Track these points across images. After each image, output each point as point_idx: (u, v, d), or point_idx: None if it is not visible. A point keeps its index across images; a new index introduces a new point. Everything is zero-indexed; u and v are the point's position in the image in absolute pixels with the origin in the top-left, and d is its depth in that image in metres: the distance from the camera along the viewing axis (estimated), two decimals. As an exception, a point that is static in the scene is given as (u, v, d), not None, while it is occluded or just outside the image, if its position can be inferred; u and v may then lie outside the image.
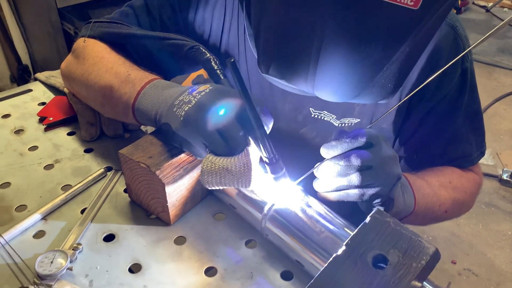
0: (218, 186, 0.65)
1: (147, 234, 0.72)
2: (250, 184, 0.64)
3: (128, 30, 0.84)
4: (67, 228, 0.72)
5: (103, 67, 0.80)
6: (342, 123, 0.88)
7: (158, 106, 0.69)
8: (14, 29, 2.71)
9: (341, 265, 0.53)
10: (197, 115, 0.64)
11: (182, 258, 0.68)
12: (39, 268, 0.63)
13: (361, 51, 0.57)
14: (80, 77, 0.83)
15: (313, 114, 0.88)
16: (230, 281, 0.65)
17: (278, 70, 0.65)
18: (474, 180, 0.96)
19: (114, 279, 0.65)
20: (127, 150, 0.70)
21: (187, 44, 0.79)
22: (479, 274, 2.02)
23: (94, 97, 0.82)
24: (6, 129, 0.93)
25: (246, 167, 0.63)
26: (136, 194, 0.74)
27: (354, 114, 0.87)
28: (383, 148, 0.66)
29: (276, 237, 0.67)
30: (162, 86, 0.72)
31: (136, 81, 0.75)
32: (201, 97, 0.65)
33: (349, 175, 0.64)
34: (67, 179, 0.81)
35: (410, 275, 0.52)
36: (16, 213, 0.75)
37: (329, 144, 0.66)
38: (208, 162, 0.63)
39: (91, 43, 0.85)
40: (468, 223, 2.26)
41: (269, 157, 0.62)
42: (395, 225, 0.57)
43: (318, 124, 0.89)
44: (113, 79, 0.77)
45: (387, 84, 0.62)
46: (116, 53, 0.83)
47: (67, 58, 0.90)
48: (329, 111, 0.87)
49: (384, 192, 0.66)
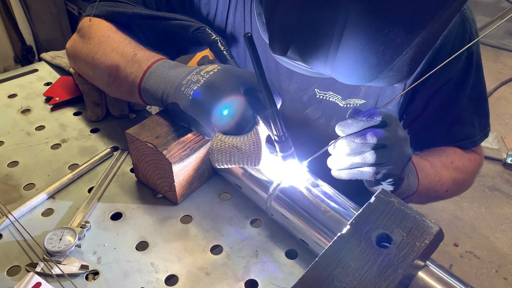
0: (227, 165, 0.66)
1: (153, 213, 0.73)
2: (260, 163, 0.64)
3: (133, 9, 0.83)
4: (75, 207, 0.73)
5: (109, 47, 0.80)
6: (347, 103, 0.88)
7: (165, 86, 0.70)
8: (18, 10, 2.69)
9: (345, 244, 0.54)
10: (206, 94, 0.64)
11: (188, 236, 0.69)
12: (48, 245, 0.64)
13: (384, 34, 0.57)
14: (85, 57, 0.84)
15: (318, 94, 0.88)
16: (235, 259, 0.66)
17: (298, 51, 0.64)
18: (476, 160, 0.97)
19: (121, 256, 0.66)
20: (133, 130, 0.71)
21: (193, 25, 0.79)
22: (481, 257, 2.04)
23: (100, 76, 0.83)
24: (13, 109, 0.94)
25: (256, 145, 0.63)
26: (143, 174, 0.75)
27: (360, 95, 0.87)
28: (397, 128, 0.67)
29: (281, 217, 0.68)
30: (169, 66, 0.73)
31: (143, 60, 0.75)
32: (209, 76, 0.65)
33: (364, 153, 0.65)
34: (74, 159, 0.82)
35: (413, 254, 0.53)
36: (25, 191, 0.75)
37: (344, 122, 0.66)
38: (218, 141, 0.64)
39: (97, 22, 0.85)
40: (471, 206, 2.27)
41: (279, 135, 0.63)
42: (399, 205, 0.57)
43: (323, 104, 0.89)
44: (119, 58, 0.77)
45: (404, 68, 0.62)
46: (122, 32, 0.83)
47: (73, 37, 0.90)
48: (335, 91, 0.87)
49: (396, 172, 0.67)
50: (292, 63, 0.69)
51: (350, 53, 0.60)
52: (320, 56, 0.62)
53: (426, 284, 0.54)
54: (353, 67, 0.62)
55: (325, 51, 0.61)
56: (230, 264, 0.66)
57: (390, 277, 0.51)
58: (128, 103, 0.93)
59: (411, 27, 0.57)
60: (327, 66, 0.63)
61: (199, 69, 0.68)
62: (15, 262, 0.64)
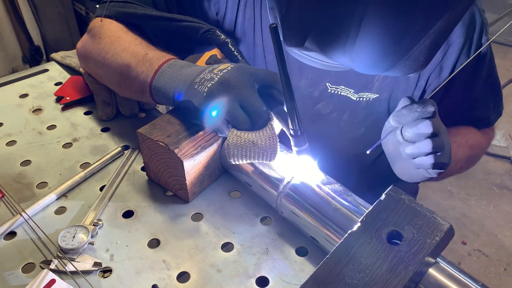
0: (243, 160, 0.66)
1: (164, 210, 0.73)
2: (275, 157, 0.66)
3: (143, 10, 0.84)
4: (87, 205, 0.74)
5: (120, 46, 0.80)
6: (360, 97, 0.88)
7: (176, 84, 0.70)
8: (26, 10, 2.71)
9: (356, 241, 0.55)
10: (220, 91, 0.65)
11: (199, 234, 0.70)
12: (61, 242, 0.65)
13: (403, 21, 0.58)
14: (96, 56, 0.84)
15: (330, 89, 0.88)
16: (246, 256, 0.67)
17: (316, 41, 0.64)
18: (488, 135, 1.01)
19: (134, 253, 0.67)
20: (145, 130, 0.72)
21: (203, 27, 0.80)
22: (489, 255, 2.03)
23: (111, 76, 0.84)
24: (25, 109, 0.95)
25: (272, 139, 0.65)
26: (154, 173, 0.76)
27: (373, 89, 0.87)
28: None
29: (291, 214, 0.68)
30: (180, 66, 0.73)
31: (154, 60, 0.75)
32: (223, 74, 0.66)
33: (420, 142, 0.67)
34: (85, 157, 0.83)
35: (424, 251, 0.53)
36: (38, 190, 0.77)
37: (399, 112, 0.67)
38: (233, 136, 0.65)
39: (108, 22, 0.86)
40: (479, 204, 2.27)
41: (295, 129, 0.63)
42: (409, 202, 0.58)
43: (335, 99, 0.89)
44: (130, 58, 0.78)
45: (420, 57, 0.63)
46: (132, 33, 0.84)
47: (83, 37, 0.91)
48: (347, 85, 0.87)
49: (447, 160, 0.69)
50: (306, 55, 0.69)
51: (368, 41, 0.60)
52: (338, 45, 0.62)
53: (437, 281, 0.55)
54: (371, 56, 0.62)
55: (344, 39, 0.61)
56: (241, 261, 0.66)
57: (401, 274, 0.51)
58: (138, 102, 0.94)
59: (429, 15, 0.58)
60: (345, 55, 0.63)
61: (212, 68, 0.69)
62: (29, 259, 0.65)
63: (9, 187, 0.77)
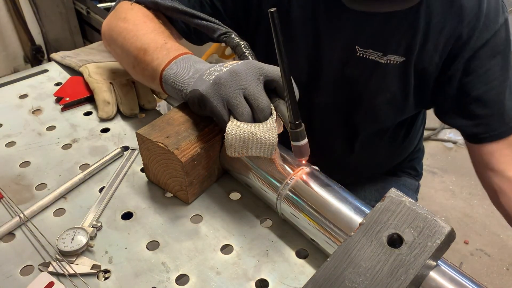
0: (241, 153, 0.66)
1: (164, 212, 0.73)
2: (274, 151, 0.65)
3: (171, 3, 0.87)
4: (86, 206, 0.73)
5: (142, 30, 0.82)
6: (388, 59, 0.89)
7: (187, 76, 0.71)
8: (27, 9, 2.71)
9: (356, 244, 0.54)
10: (227, 79, 0.66)
11: (199, 236, 0.69)
12: (60, 244, 0.65)
13: None
14: (117, 36, 0.86)
15: (359, 52, 0.90)
16: (246, 259, 0.66)
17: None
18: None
19: (133, 255, 0.66)
20: (144, 130, 0.71)
21: (220, 29, 0.81)
22: (492, 255, 2.03)
23: (127, 56, 0.85)
24: (24, 109, 0.94)
25: (271, 132, 0.64)
26: (154, 174, 0.75)
27: (400, 51, 0.89)
28: None
29: (291, 216, 0.68)
30: (194, 60, 0.75)
31: (172, 50, 0.77)
32: (233, 66, 0.67)
33: None
34: (85, 159, 0.83)
35: (425, 254, 0.53)
36: (36, 191, 0.76)
37: None
38: (233, 126, 0.65)
39: (137, 7, 0.89)
40: (481, 204, 2.26)
41: (293, 123, 0.63)
42: (410, 204, 0.57)
43: (363, 62, 0.91)
44: (150, 43, 0.79)
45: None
46: (158, 21, 0.87)
47: (108, 17, 0.93)
48: (375, 49, 0.89)
49: None
50: None
51: None
52: None
53: (438, 284, 0.54)
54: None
55: None
56: (241, 264, 0.66)
57: (402, 277, 0.51)
58: (139, 103, 0.94)
59: None
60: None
61: (223, 63, 0.71)
62: (28, 261, 0.65)
63: (8, 188, 0.76)
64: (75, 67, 1.05)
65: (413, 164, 1.27)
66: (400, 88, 0.93)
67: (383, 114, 1.00)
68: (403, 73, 0.91)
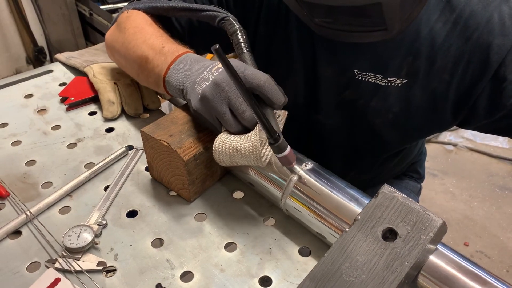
0: (230, 164, 0.68)
1: (168, 210, 0.74)
2: (260, 163, 0.66)
3: (169, 3, 0.87)
4: (92, 204, 0.74)
5: (141, 38, 0.83)
6: (388, 81, 0.86)
7: (184, 81, 0.72)
8: (30, 11, 2.73)
9: (352, 239, 0.55)
10: (212, 93, 0.66)
11: (202, 234, 0.70)
12: (66, 241, 0.66)
13: None
14: (120, 47, 0.87)
15: (358, 76, 0.87)
16: (249, 256, 0.67)
17: None
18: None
19: (138, 252, 0.67)
20: (148, 129, 0.72)
21: (219, 15, 0.80)
22: (492, 257, 2.03)
23: (131, 66, 0.86)
24: (30, 109, 0.96)
25: (253, 146, 0.64)
26: (157, 172, 0.76)
27: (402, 74, 0.85)
28: None
29: (296, 212, 0.69)
30: (190, 61, 0.75)
31: (168, 54, 0.77)
32: (217, 75, 0.67)
33: None
34: (90, 157, 0.84)
35: (419, 247, 0.54)
36: (42, 189, 0.77)
37: None
38: (219, 142, 0.66)
39: (134, 14, 0.89)
40: (481, 206, 2.27)
41: (272, 138, 0.62)
42: (403, 199, 0.58)
43: (362, 85, 0.88)
44: (149, 50, 0.80)
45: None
46: (156, 25, 0.87)
47: (111, 29, 0.94)
48: (375, 72, 0.86)
49: None
50: None
51: None
52: None
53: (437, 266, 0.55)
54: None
55: None
56: (244, 261, 0.67)
57: (397, 270, 0.52)
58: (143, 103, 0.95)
59: None
60: None
61: (212, 66, 0.70)
62: (34, 258, 0.66)
63: (14, 186, 0.77)
64: (79, 67, 1.06)
65: (415, 167, 1.27)
66: (402, 109, 0.90)
67: (385, 135, 0.96)
68: (406, 94, 0.88)
